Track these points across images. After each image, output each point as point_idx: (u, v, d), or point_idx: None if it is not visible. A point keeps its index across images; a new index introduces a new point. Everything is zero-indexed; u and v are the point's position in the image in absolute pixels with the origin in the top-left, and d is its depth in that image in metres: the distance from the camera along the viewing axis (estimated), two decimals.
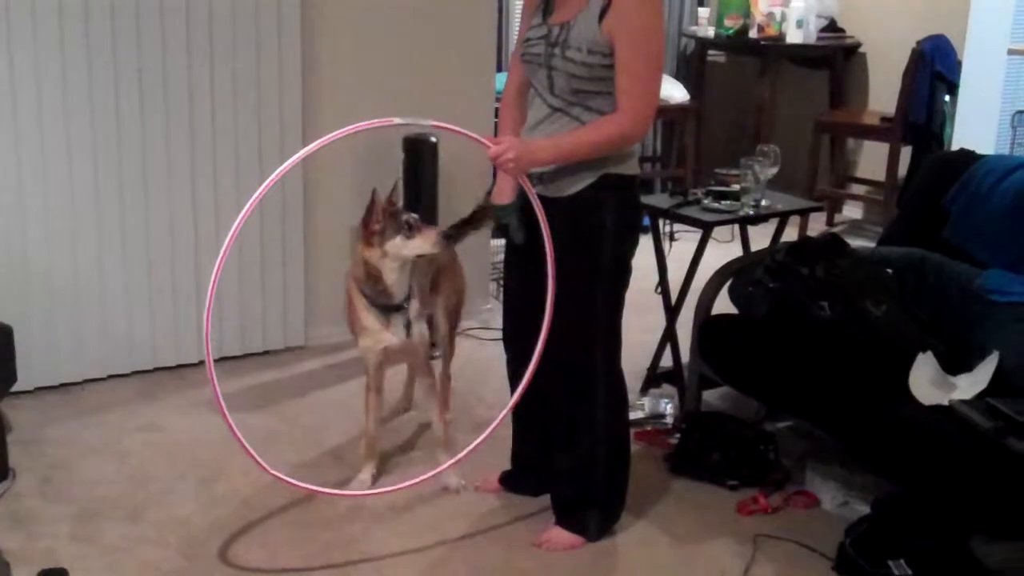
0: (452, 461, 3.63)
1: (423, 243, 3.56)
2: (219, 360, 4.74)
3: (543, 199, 3.28)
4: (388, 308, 3.66)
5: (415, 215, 3.63)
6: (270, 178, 3.05)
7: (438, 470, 3.68)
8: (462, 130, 3.23)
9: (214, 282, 3.01)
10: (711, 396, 4.41)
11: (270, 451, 3.49)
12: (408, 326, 3.70)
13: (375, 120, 3.15)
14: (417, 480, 3.58)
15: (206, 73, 4.52)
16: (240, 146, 4.64)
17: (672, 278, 4.49)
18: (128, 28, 4.34)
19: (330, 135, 3.11)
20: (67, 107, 4.28)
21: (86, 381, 4.57)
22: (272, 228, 4.81)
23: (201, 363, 4.65)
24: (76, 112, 4.30)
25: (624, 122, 3.17)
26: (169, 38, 4.43)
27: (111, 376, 4.63)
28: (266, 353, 4.95)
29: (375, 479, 3.84)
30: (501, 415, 3.52)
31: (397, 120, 3.17)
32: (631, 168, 3.34)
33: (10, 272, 4.31)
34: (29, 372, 4.26)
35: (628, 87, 3.13)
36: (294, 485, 3.40)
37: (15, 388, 4.08)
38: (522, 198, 3.36)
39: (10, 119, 4.19)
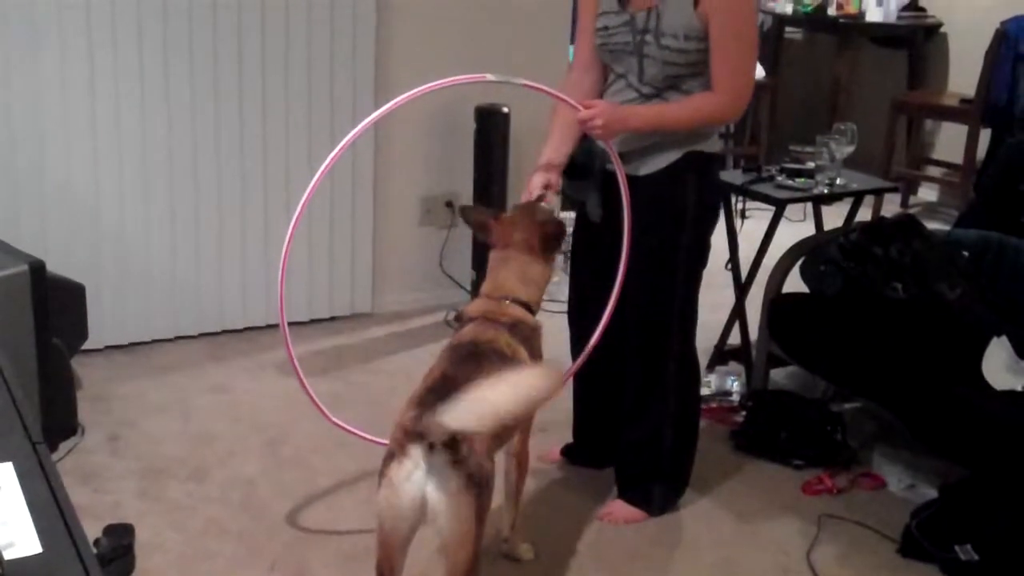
0: None
1: None
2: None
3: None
4: None
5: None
6: (351, 134, 3.01)
7: None
8: (554, 92, 3.18)
9: (287, 249, 3.02)
10: (778, 375, 4.37)
11: (335, 414, 3.49)
12: None
13: (469, 75, 3.12)
14: None
15: (280, 40, 4.53)
16: (312, 110, 4.65)
17: (743, 256, 4.44)
18: None
19: (424, 86, 3.01)
20: (142, 67, 4.31)
21: (154, 341, 4.62)
22: (342, 194, 4.82)
23: (268, 326, 4.70)
24: (150, 73, 4.33)
25: (722, 102, 3.13)
26: (244, 2, 4.44)
27: (179, 337, 4.67)
28: (333, 319, 4.97)
29: None
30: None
31: (490, 76, 3.13)
32: (714, 146, 3.30)
33: (83, 233, 4.36)
34: (99, 330, 4.32)
35: (724, 68, 3.08)
36: (357, 435, 3.38)
37: (86, 346, 4.14)
38: (600, 175, 3.32)
39: (86, 80, 4.22)
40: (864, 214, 4.79)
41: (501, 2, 5.03)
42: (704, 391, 4.19)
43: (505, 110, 4.77)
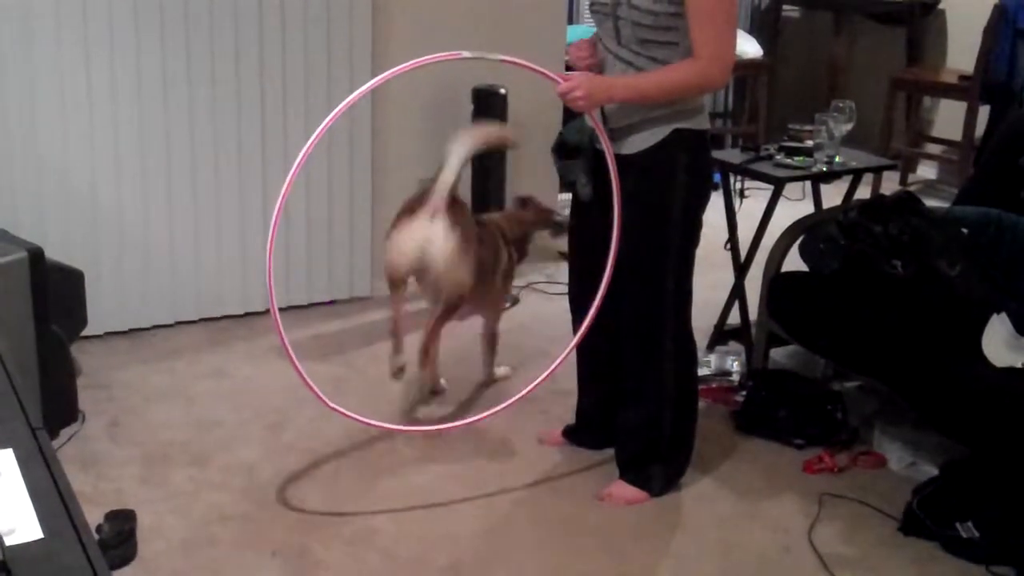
0: (515, 399, 3.58)
1: None
2: (285, 309, 4.75)
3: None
4: None
5: None
6: (337, 108, 3.06)
7: (500, 408, 3.62)
8: (532, 65, 3.16)
9: (277, 215, 3.08)
10: (778, 354, 4.37)
11: (335, 398, 3.49)
12: None
13: (442, 53, 3.11)
14: (481, 416, 3.61)
15: (277, 20, 4.52)
16: (309, 93, 4.64)
17: (742, 235, 4.44)
18: None
19: (396, 68, 3.07)
20: (138, 53, 4.30)
21: (154, 327, 4.62)
22: (339, 178, 4.81)
23: (268, 311, 4.68)
24: (146, 58, 4.32)
25: (703, 69, 3.07)
26: None
27: (179, 322, 4.67)
28: (332, 303, 4.97)
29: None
30: (561, 356, 3.50)
31: (465, 54, 3.12)
32: (702, 123, 3.28)
33: (82, 219, 4.35)
34: (99, 317, 4.32)
35: (703, 34, 3.04)
36: (353, 418, 3.39)
37: (85, 332, 4.14)
38: (590, 154, 3.32)
39: (81, 62, 4.21)
40: (863, 192, 4.79)
41: None
42: (704, 371, 4.19)
43: (502, 91, 4.75)
